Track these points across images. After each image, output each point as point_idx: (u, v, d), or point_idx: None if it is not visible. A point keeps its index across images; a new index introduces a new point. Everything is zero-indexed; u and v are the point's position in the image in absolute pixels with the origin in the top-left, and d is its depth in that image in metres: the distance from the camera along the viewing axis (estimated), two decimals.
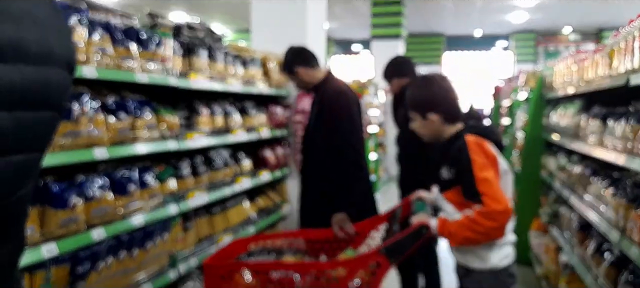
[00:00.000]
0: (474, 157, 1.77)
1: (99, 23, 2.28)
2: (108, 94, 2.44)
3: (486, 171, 1.76)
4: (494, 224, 1.72)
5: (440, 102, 1.93)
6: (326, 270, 1.87)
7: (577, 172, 3.08)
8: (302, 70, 3.00)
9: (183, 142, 2.82)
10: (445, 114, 1.92)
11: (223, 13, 12.53)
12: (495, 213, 1.71)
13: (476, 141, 1.83)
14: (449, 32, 15.24)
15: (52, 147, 1.96)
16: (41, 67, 0.76)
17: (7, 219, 0.81)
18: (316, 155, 2.87)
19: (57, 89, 0.82)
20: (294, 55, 3.08)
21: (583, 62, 3.02)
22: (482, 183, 1.73)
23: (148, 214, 2.47)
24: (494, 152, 1.85)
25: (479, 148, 1.81)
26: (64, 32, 0.85)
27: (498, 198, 1.71)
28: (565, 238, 3.24)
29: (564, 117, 3.45)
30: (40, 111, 0.79)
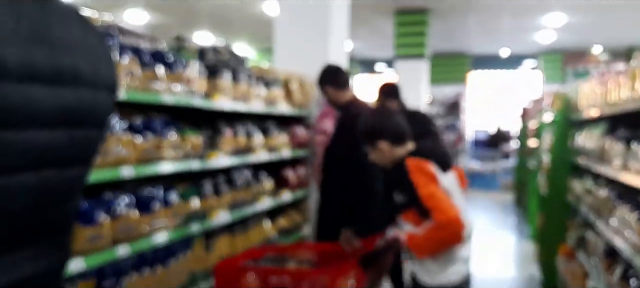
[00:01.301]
0: (415, 179, 1.95)
1: (129, 47, 2.42)
2: (135, 114, 2.57)
3: (428, 187, 1.93)
4: (446, 234, 1.91)
5: (385, 128, 2.12)
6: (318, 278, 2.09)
7: (603, 196, 3.06)
8: (330, 90, 3.25)
9: (206, 161, 2.92)
10: (392, 138, 2.10)
11: (247, 33, 12.82)
12: (444, 223, 1.88)
13: (415, 163, 2.00)
14: (474, 51, 15.20)
15: None
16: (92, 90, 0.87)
17: (60, 229, 0.91)
18: (333, 173, 3.03)
19: (103, 109, 0.93)
20: (327, 74, 3.35)
21: (607, 84, 3.02)
22: (428, 199, 1.91)
23: (171, 232, 2.56)
24: (433, 171, 2.02)
25: (417, 169, 1.97)
26: (109, 58, 0.95)
27: (443, 209, 1.89)
28: (592, 263, 3.20)
29: (589, 139, 3.44)
30: (90, 129, 0.89)
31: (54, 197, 0.86)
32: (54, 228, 0.88)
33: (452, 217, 1.87)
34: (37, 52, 0.76)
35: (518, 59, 15.45)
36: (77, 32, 0.85)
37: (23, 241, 0.82)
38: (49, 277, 0.90)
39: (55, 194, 0.86)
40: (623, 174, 2.57)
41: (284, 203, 3.94)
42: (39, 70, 0.76)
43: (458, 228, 1.90)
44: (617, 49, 14.00)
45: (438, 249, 1.95)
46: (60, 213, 0.88)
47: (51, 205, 0.86)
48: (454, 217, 1.88)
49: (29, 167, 0.78)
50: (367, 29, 12.11)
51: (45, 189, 0.82)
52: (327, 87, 3.31)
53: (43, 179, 0.81)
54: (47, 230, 0.88)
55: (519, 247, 6.62)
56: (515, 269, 5.61)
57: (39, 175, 0.80)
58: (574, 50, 14.39)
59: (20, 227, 0.80)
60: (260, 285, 2.07)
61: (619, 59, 13.97)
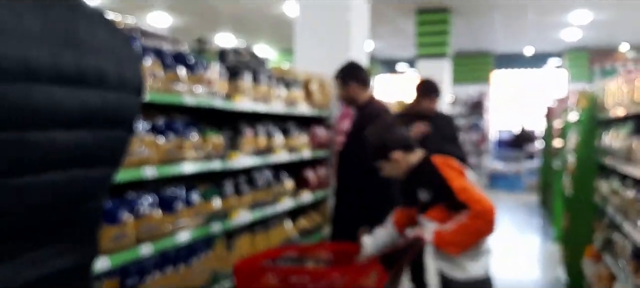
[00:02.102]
0: (445, 174, 2.00)
1: (151, 49, 2.46)
2: (158, 115, 2.62)
3: (459, 180, 1.99)
4: (482, 223, 1.95)
5: (393, 140, 2.18)
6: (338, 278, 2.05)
7: (630, 197, 2.98)
8: (353, 86, 3.23)
9: (227, 162, 2.95)
10: (404, 147, 2.16)
11: (268, 34, 12.91)
12: (482, 212, 1.93)
13: (443, 160, 2.06)
14: (498, 50, 14.99)
15: None
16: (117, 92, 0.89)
17: (87, 226, 0.94)
18: (350, 172, 3.04)
19: (129, 110, 0.95)
20: (351, 69, 3.33)
21: (634, 82, 2.95)
22: (461, 191, 1.96)
23: (193, 231, 2.60)
24: (460, 166, 2.10)
25: (446, 165, 2.04)
26: (135, 60, 0.98)
27: (479, 199, 1.94)
28: (620, 266, 3.12)
29: (616, 139, 3.36)
30: (115, 130, 0.91)
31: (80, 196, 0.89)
32: (80, 226, 0.91)
33: (488, 207, 1.93)
34: (63, 55, 0.79)
35: (543, 58, 15.17)
36: (103, 35, 0.88)
37: (51, 237, 0.85)
38: (75, 274, 0.93)
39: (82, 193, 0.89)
40: None
41: (304, 203, 3.96)
42: (65, 72, 0.79)
43: (493, 217, 1.95)
44: None
45: (472, 241, 1.99)
46: (87, 212, 0.90)
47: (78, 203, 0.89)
48: (490, 206, 1.93)
49: (55, 166, 0.81)
50: (388, 29, 12.06)
51: (71, 188, 0.85)
52: (351, 82, 3.32)
53: (69, 178, 0.84)
54: (73, 227, 0.91)
55: (544, 248, 6.50)
56: (539, 271, 5.51)
57: (66, 174, 0.82)
58: (600, 48, 14.05)
59: (47, 223, 0.83)
60: (280, 285, 2.08)
61: None
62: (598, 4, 9.57)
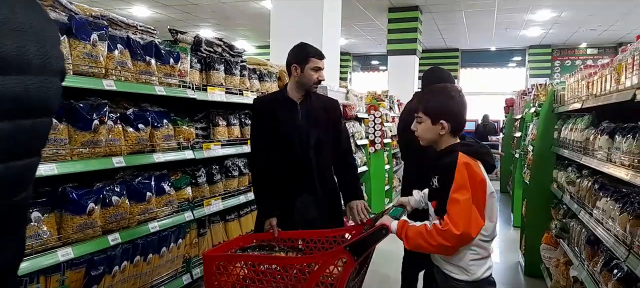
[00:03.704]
0: (457, 177, 1.78)
1: (119, 38, 2.31)
2: (129, 106, 2.47)
3: (460, 193, 1.77)
4: (446, 243, 1.76)
5: (455, 113, 1.93)
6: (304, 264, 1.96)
7: (586, 186, 2.97)
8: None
9: (200, 151, 2.82)
10: (454, 125, 1.93)
11: (247, 30, 12.67)
12: (450, 234, 1.74)
13: (466, 162, 1.81)
14: (465, 46, 15.07)
15: (70, 156, 1.99)
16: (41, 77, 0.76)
17: (6, 224, 0.81)
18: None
19: (54, 96, 0.83)
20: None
21: (592, 77, 2.92)
22: (452, 203, 1.76)
23: (163, 220, 2.47)
24: (482, 174, 1.84)
25: (466, 169, 1.79)
26: (56, 41, 0.85)
27: (458, 222, 1.74)
28: (575, 252, 3.12)
29: (574, 131, 3.34)
30: (40, 118, 0.79)
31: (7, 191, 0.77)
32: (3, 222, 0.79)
33: (458, 234, 1.73)
34: None
35: (507, 54, 15.33)
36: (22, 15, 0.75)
37: None
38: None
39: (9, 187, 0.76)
40: (606, 166, 2.47)
41: None
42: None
43: (458, 245, 1.78)
44: (606, 44, 13.88)
45: (428, 249, 1.82)
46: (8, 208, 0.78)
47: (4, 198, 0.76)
48: (462, 234, 1.73)
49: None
50: (363, 26, 11.97)
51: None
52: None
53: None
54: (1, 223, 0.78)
55: (505, 234, 6.54)
56: (500, 256, 5.53)
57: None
58: (562, 44, 14.27)
59: None
60: (249, 273, 1.98)
61: (607, 53, 13.85)
62: (559, 4, 9.65)
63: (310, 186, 2.61)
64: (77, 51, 2.03)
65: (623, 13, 10.33)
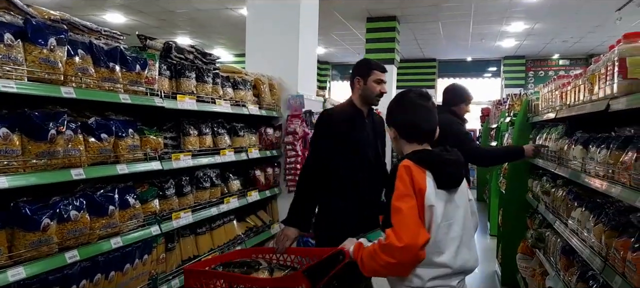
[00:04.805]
0: (397, 184, 1.63)
1: (81, 43, 2.19)
2: (92, 115, 2.34)
3: (403, 201, 1.59)
4: (391, 260, 1.55)
5: (405, 119, 1.81)
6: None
7: (561, 197, 2.95)
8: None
9: (168, 162, 2.70)
10: (404, 132, 1.82)
11: (225, 38, 12.53)
12: (392, 248, 1.54)
13: (408, 167, 1.65)
14: (442, 57, 15.23)
15: (23, 168, 1.85)
16: None
17: None
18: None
19: None
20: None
21: (566, 87, 2.92)
22: (394, 213, 1.59)
23: (127, 235, 2.34)
24: (424, 183, 1.63)
25: (407, 175, 1.62)
26: None
27: (400, 233, 1.54)
28: (551, 262, 3.09)
29: (548, 141, 3.34)
30: None
31: None
32: None
33: (402, 246, 1.52)
34: None
35: (483, 64, 15.54)
36: None
37: None
38: None
39: None
40: (580, 176, 2.45)
41: (251, 203, 3.74)
42: None
43: (405, 259, 1.54)
44: (577, 55, 14.21)
45: (381, 272, 1.61)
46: None
47: None
48: (406, 245, 1.52)
49: None
50: (342, 35, 11.97)
51: None
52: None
53: None
54: None
55: (482, 243, 6.55)
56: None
57: None
58: (535, 55, 14.55)
59: None
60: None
61: (579, 64, 14.18)
62: (533, 16, 9.82)
63: (377, 196, 2.67)
64: (32, 56, 1.91)
65: (593, 26, 10.58)
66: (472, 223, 1.82)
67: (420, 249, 1.56)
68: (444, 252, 1.66)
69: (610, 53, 2.10)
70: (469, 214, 1.79)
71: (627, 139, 2.06)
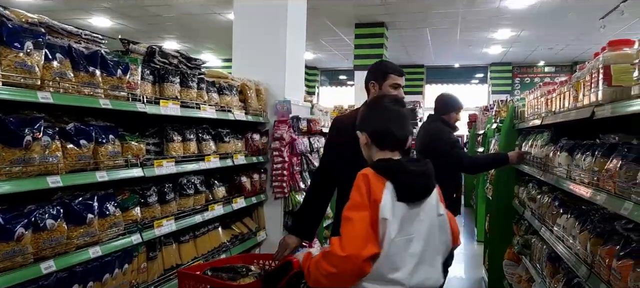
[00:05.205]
0: (352, 193, 1.58)
1: (60, 47, 2.13)
2: (71, 120, 2.28)
3: (355, 211, 1.53)
4: (332, 270, 1.49)
5: (375, 126, 1.74)
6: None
7: (546, 203, 2.95)
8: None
9: (150, 169, 2.64)
10: (374, 138, 1.73)
11: (212, 42, 12.46)
12: (333, 257, 1.49)
13: (366, 175, 1.58)
14: (429, 63, 15.32)
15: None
16: None
17: None
18: None
19: None
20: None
21: (551, 94, 2.92)
22: (344, 222, 1.54)
23: (107, 244, 2.27)
24: (380, 194, 1.54)
25: (364, 184, 1.55)
26: None
27: (344, 244, 1.49)
28: (537, 269, 3.09)
29: (534, 147, 3.34)
30: None
31: None
32: None
33: (344, 255, 1.46)
34: None
35: (470, 70, 15.67)
36: None
37: None
38: None
39: None
40: (566, 183, 2.45)
41: (237, 210, 3.68)
42: None
43: (346, 270, 1.47)
44: (562, 62, 14.40)
45: (325, 283, 1.53)
46: None
47: None
48: (348, 256, 1.46)
49: None
50: (330, 41, 11.97)
51: None
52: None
53: None
54: None
55: (469, 248, 6.55)
56: (464, 270, 5.51)
57: None
58: (521, 62, 14.70)
59: None
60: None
61: (564, 71, 14.36)
62: (519, 23, 9.92)
63: None
64: (7, 60, 1.84)
65: (578, 33, 10.72)
66: (441, 240, 1.69)
67: (364, 262, 1.48)
68: (399, 268, 1.55)
69: (595, 60, 2.10)
70: (435, 230, 1.66)
71: (612, 146, 2.05)
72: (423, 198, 1.62)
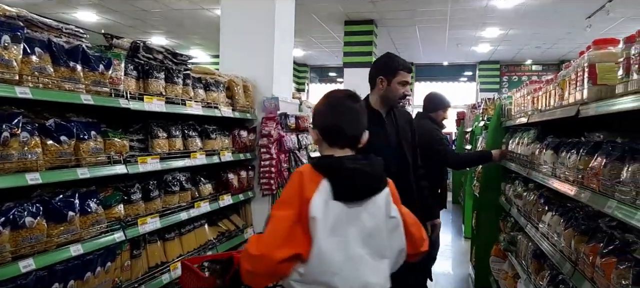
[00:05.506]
0: (284, 190, 1.53)
1: (39, 41, 2.08)
2: (51, 116, 2.22)
3: (279, 208, 1.48)
4: (248, 267, 1.44)
5: (325, 122, 1.65)
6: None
7: (532, 201, 2.96)
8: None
9: (134, 166, 2.60)
10: (324, 135, 1.65)
11: (201, 38, 12.35)
12: (248, 255, 1.43)
13: (301, 173, 1.51)
14: (419, 61, 15.36)
15: None
16: None
17: None
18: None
19: None
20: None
21: (537, 92, 2.93)
22: (269, 219, 1.50)
23: (88, 242, 2.23)
24: (312, 193, 1.46)
25: (297, 181, 1.49)
26: None
27: (260, 243, 1.44)
28: (523, 266, 3.10)
29: (520, 145, 3.35)
30: None
31: None
32: None
33: (256, 254, 1.42)
34: None
35: (459, 69, 15.74)
36: None
37: None
38: None
39: None
40: (552, 180, 2.45)
41: (224, 207, 3.65)
42: None
43: (258, 268, 1.43)
44: (549, 61, 14.52)
45: (246, 279, 1.49)
46: None
47: None
48: (260, 255, 1.41)
49: None
50: (320, 38, 11.93)
51: None
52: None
53: None
54: None
55: (457, 245, 6.58)
56: (451, 266, 5.53)
57: None
58: (509, 61, 14.80)
59: None
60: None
61: (551, 70, 14.49)
62: (507, 22, 9.97)
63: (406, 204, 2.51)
64: None
65: (564, 32, 10.81)
66: (390, 244, 1.57)
67: (280, 263, 1.42)
68: (333, 271, 1.46)
69: (581, 59, 2.10)
70: (383, 233, 1.55)
71: (597, 145, 2.06)
72: (363, 198, 1.53)
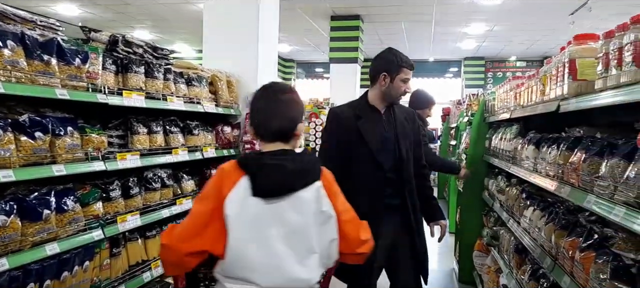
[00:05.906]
0: (207, 184, 1.54)
1: (12, 34, 2.01)
2: (25, 111, 2.16)
3: (197, 202, 1.51)
4: (159, 253, 1.54)
5: (257, 117, 1.61)
6: None
7: (514, 196, 2.98)
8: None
9: (113, 162, 2.54)
10: (255, 129, 1.62)
11: (186, 33, 12.21)
12: (161, 243, 1.49)
13: (222, 168, 1.52)
14: None
15: None
16: None
17: None
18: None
19: None
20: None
21: (519, 88, 2.94)
22: (188, 212, 1.53)
23: (65, 241, 2.18)
24: (229, 188, 1.46)
25: (218, 176, 1.51)
26: None
27: (171, 232, 1.48)
28: (505, 260, 3.12)
29: (503, 140, 3.37)
30: None
31: None
32: None
33: (165, 243, 1.47)
34: None
35: (444, 65, 15.82)
36: None
37: None
38: None
39: None
40: (533, 176, 2.47)
41: None
42: None
43: (166, 257, 1.49)
44: (533, 57, 14.68)
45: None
46: None
47: None
48: (166, 244, 1.46)
49: None
50: (306, 33, 11.88)
51: None
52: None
53: None
54: None
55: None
56: (435, 261, 5.56)
57: None
58: (494, 57, 14.92)
59: None
60: None
61: (534, 66, 14.65)
62: (492, 18, 10.04)
63: (400, 203, 2.46)
64: None
65: (549, 29, 10.93)
66: (321, 239, 1.54)
67: (187, 256, 1.44)
68: (252, 267, 1.46)
69: (561, 54, 2.11)
70: (310, 228, 1.52)
71: (577, 140, 2.07)
72: (282, 194, 1.49)
